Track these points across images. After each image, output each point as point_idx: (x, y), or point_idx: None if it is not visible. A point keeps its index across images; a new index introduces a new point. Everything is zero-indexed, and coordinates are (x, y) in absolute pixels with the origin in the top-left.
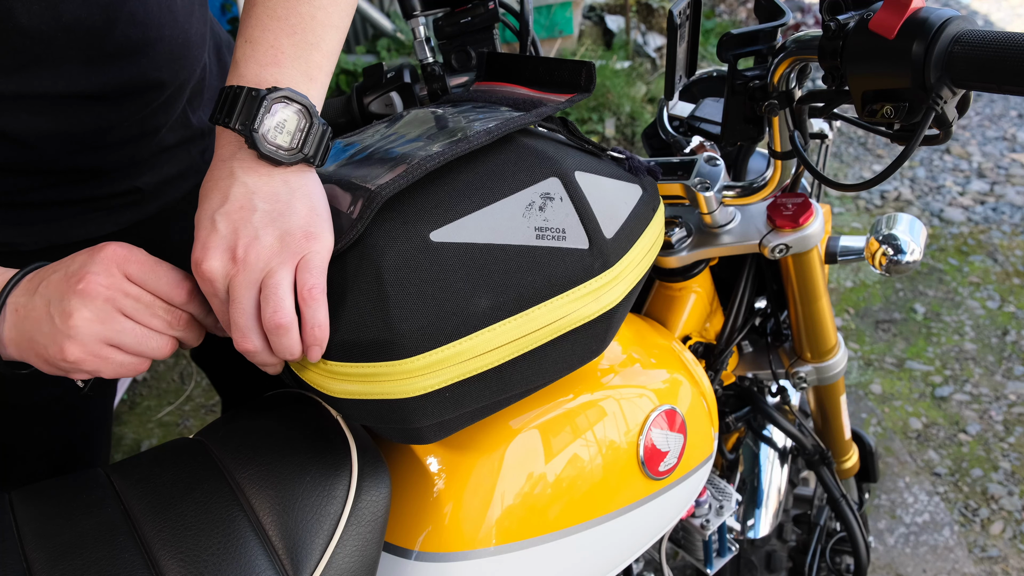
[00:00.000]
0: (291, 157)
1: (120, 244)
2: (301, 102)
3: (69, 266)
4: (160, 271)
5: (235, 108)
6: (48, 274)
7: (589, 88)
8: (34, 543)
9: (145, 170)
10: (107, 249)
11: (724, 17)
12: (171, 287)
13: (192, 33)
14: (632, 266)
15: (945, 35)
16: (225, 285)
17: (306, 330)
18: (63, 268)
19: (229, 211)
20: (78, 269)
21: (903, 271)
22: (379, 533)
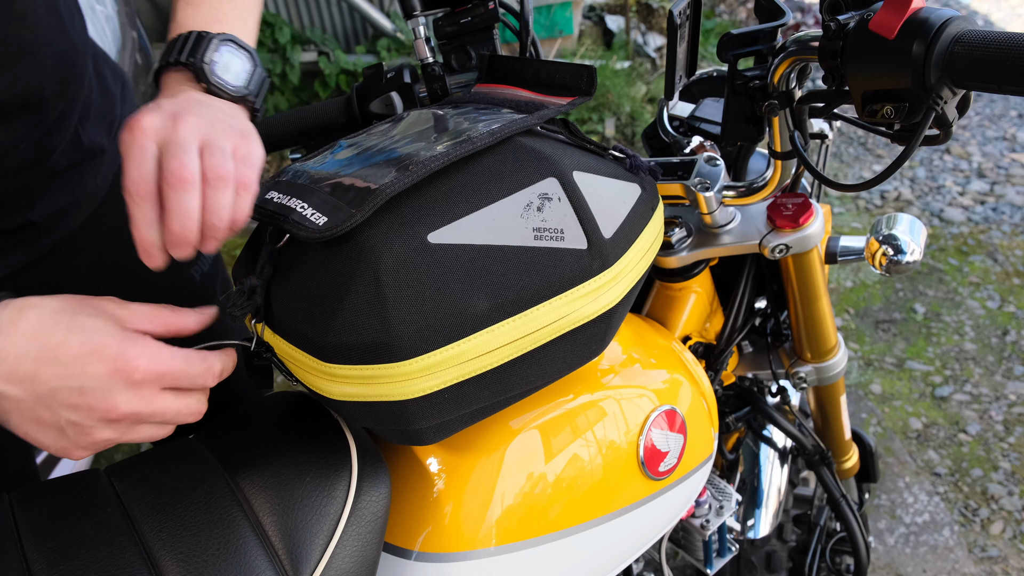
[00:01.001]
0: (236, 91)
1: (147, 348)
2: (246, 48)
3: (80, 379)
4: (190, 362)
5: (184, 47)
6: (40, 373)
7: (590, 91)
8: (34, 544)
9: (38, 199)
10: (138, 365)
11: (724, 17)
12: (205, 376)
13: (77, 40)
14: (631, 266)
15: (945, 35)
16: (156, 141)
17: (217, 211)
18: (69, 378)
19: (176, 101)
20: (103, 394)
21: (903, 271)
22: (379, 533)
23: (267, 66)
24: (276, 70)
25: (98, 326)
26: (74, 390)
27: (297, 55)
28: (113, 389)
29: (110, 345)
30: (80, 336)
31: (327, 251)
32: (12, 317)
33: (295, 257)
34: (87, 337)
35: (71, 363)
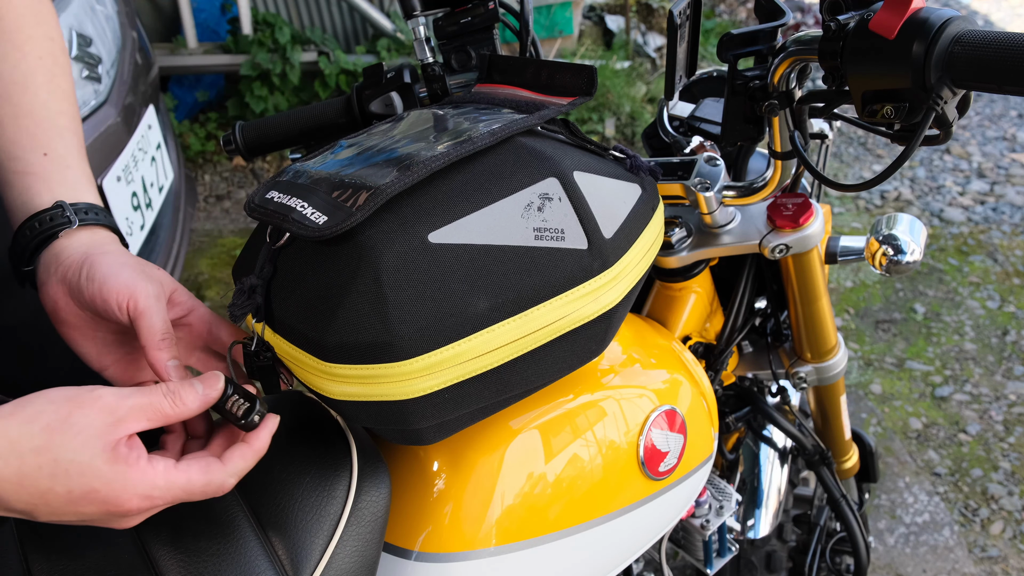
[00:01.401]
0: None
1: (138, 484)
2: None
3: (79, 515)
4: (190, 489)
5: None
6: (37, 511)
7: (590, 92)
8: (33, 544)
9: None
10: (131, 506)
11: (724, 17)
12: (207, 492)
13: None
14: (631, 266)
15: (945, 35)
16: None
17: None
18: (66, 516)
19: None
20: (102, 519)
21: (903, 271)
22: (379, 533)
23: (267, 66)
24: (276, 70)
25: (83, 470)
26: (76, 516)
27: (297, 55)
28: (112, 520)
29: (99, 490)
30: (65, 483)
31: (327, 251)
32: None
33: (295, 257)
34: (72, 483)
35: (63, 506)
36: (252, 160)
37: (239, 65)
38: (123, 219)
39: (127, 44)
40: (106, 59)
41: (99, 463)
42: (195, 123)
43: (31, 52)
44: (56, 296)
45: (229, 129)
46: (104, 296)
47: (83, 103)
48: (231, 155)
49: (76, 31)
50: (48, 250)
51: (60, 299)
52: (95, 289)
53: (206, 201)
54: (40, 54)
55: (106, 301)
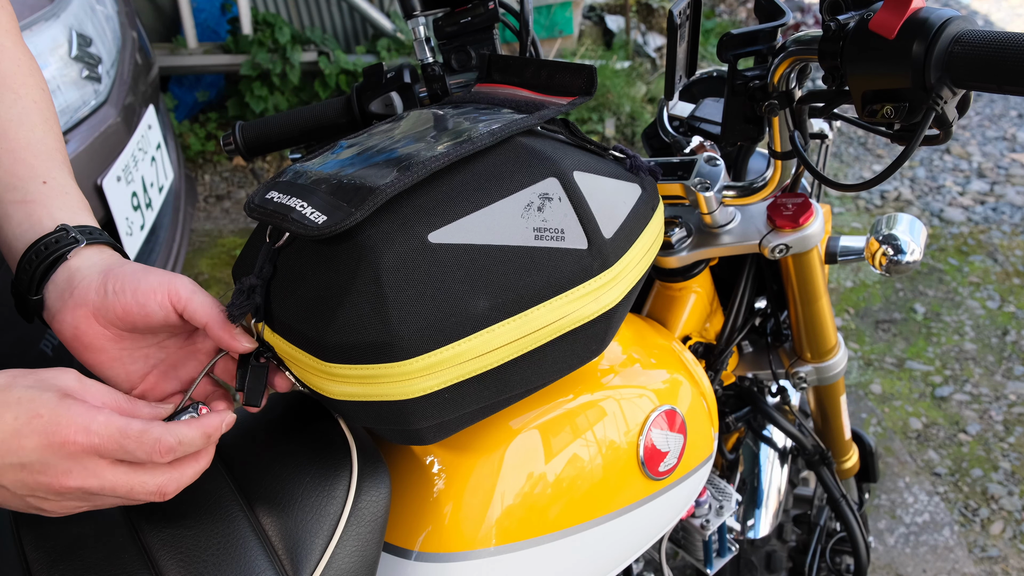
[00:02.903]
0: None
1: (80, 417)
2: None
3: (18, 454)
4: (127, 434)
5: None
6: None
7: (590, 92)
8: (33, 544)
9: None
10: (68, 436)
11: (724, 17)
12: (148, 451)
13: None
14: (631, 266)
15: (945, 35)
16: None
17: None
18: (7, 455)
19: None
20: (42, 467)
21: (903, 271)
22: (379, 533)
23: (267, 66)
24: (276, 70)
25: (33, 396)
26: (15, 466)
27: (297, 55)
28: (50, 462)
29: (42, 415)
30: (15, 410)
31: (328, 251)
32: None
33: (295, 257)
34: (21, 409)
35: (7, 439)
36: (252, 160)
37: (239, 65)
38: (123, 219)
39: (127, 44)
40: (106, 59)
41: (48, 396)
42: (195, 123)
43: (26, 95)
44: (77, 321)
45: (229, 129)
46: (142, 301)
47: (83, 103)
48: (231, 155)
49: (76, 31)
50: (58, 275)
51: (82, 323)
52: (128, 299)
53: (206, 201)
54: (35, 98)
55: (144, 306)
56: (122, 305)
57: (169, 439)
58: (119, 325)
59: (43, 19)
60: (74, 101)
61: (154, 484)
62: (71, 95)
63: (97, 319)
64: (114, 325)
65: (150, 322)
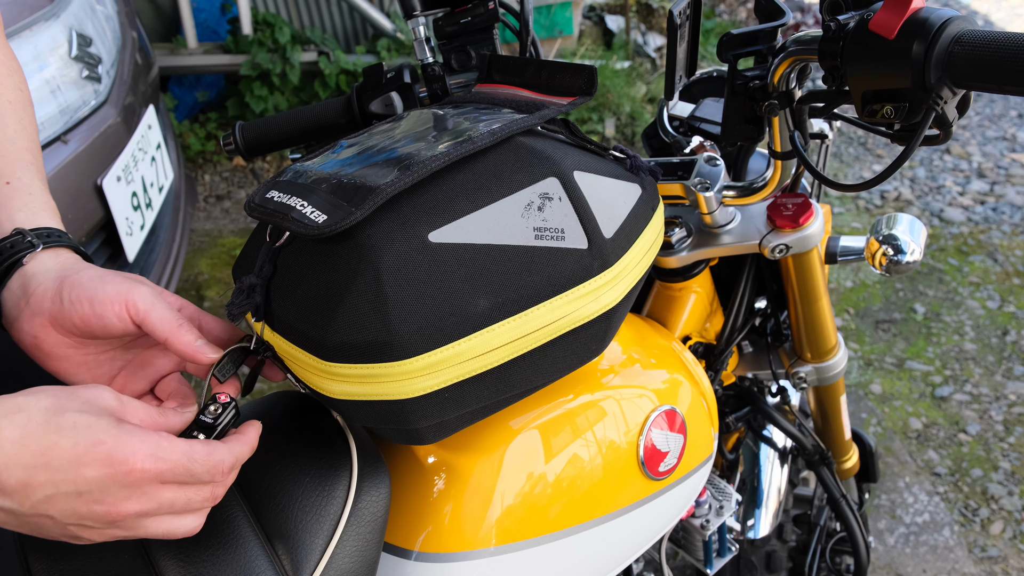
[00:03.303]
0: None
1: (144, 443)
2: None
3: (76, 483)
4: (193, 459)
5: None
6: (32, 481)
7: (590, 92)
8: (33, 544)
9: None
10: (134, 465)
11: (724, 17)
12: (212, 472)
13: None
14: (631, 266)
15: (945, 35)
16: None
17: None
18: (63, 483)
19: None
20: (100, 495)
21: (903, 271)
22: (379, 533)
23: (267, 66)
24: (276, 70)
25: (90, 422)
26: (71, 495)
27: (297, 55)
28: (111, 490)
29: (105, 442)
30: (72, 436)
31: (328, 250)
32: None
33: (295, 256)
34: (79, 436)
35: (65, 467)
36: (252, 160)
37: (239, 65)
38: (123, 219)
39: (127, 44)
40: (106, 59)
41: (105, 423)
42: (195, 123)
43: (1, 96)
44: (35, 330)
45: (229, 129)
46: (99, 312)
47: (83, 103)
48: (231, 155)
49: (76, 31)
50: (13, 281)
51: (40, 331)
52: (85, 310)
53: (206, 201)
54: (10, 99)
55: (102, 316)
56: (79, 315)
57: (231, 459)
58: (78, 333)
59: (43, 19)
60: (74, 101)
61: (209, 494)
62: (71, 95)
63: (55, 327)
64: (73, 334)
65: (108, 332)
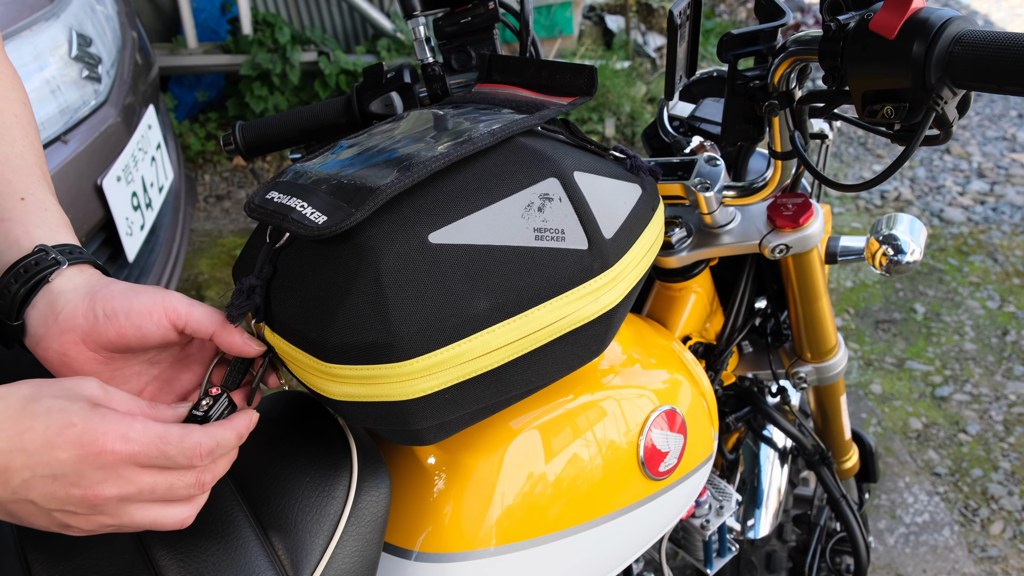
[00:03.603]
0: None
1: (117, 425)
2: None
3: (51, 465)
4: (167, 440)
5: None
6: (10, 464)
7: (591, 92)
8: (33, 544)
9: None
10: (104, 445)
11: (724, 17)
12: (189, 455)
13: None
14: (632, 266)
15: (945, 35)
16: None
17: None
18: (39, 466)
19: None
20: (76, 479)
21: (903, 271)
22: (379, 533)
23: (267, 66)
24: (276, 70)
25: (64, 407)
26: (47, 478)
27: (297, 55)
28: (84, 471)
29: (76, 424)
30: (45, 419)
31: (328, 251)
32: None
33: (295, 257)
34: (52, 419)
35: (39, 450)
36: (252, 160)
37: (239, 65)
38: (123, 219)
39: (127, 44)
40: (106, 59)
41: (79, 406)
42: (195, 123)
43: (7, 110)
44: (64, 348)
45: (229, 129)
46: (137, 323)
47: (83, 103)
48: (231, 155)
49: (76, 31)
50: (39, 299)
51: (70, 349)
52: (122, 322)
53: (206, 201)
54: (16, 112)
55: (139, 327)
56: (115, 329)
57: (208, 442)
58: (111, 348)
59: (43, 19)
60: (74, 101)
61: (192, 479)
62: (71, 95)
63: (87, 344)
64: (105, 349)
65: (146, 343)
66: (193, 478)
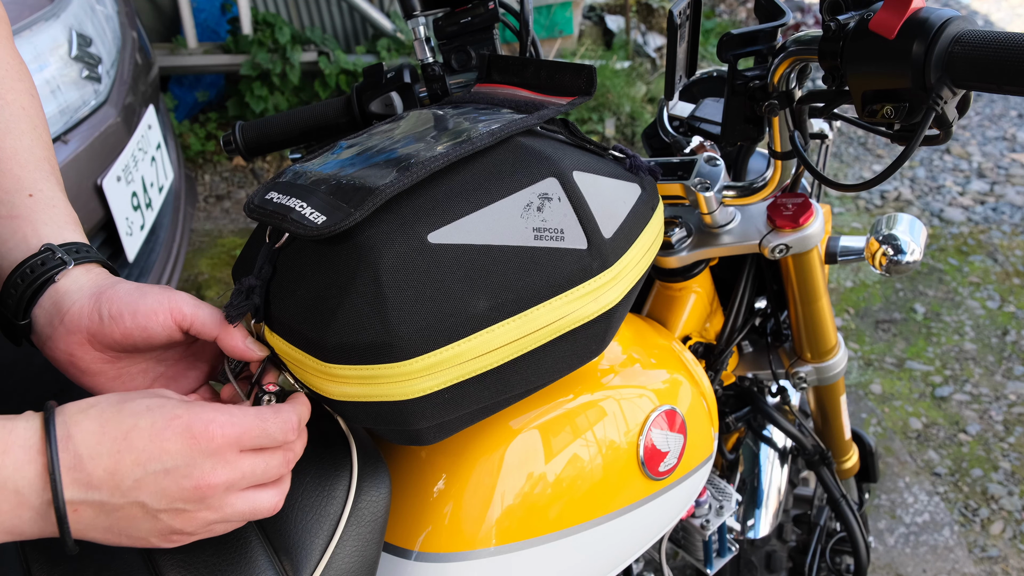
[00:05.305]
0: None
1: (217, 412)
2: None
3: (161, 459)
4: (264, 418)
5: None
6: (119, 466)
7: (590, 92)
8: (33, 543)
9: None
10: (213, 432)
11: (724, 17)
12: (284, 430)
13: None
14: (631, 266)
15: (945, 35)
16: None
17: None
18: (149, 461)
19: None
20: (187, 470)
21: (903, 271)
22: (379, 533)
23: (267, 66)
24: (276, 70)
25: (161, 403)
26: (159, 473)
27: (297, 55)
28: (195, 460)
29: (180, 416)
30: (148, 416)
31: (327, 251)
32: (74, 419)
33: (295, 257)
34: (155, 415)
35: (148, 446)
36: (252, 160)
37: (239, 65)
38: (123, 219)
39: (127, 44)
40: (106, 59)
41: (175, 401)
42: (195, 123)
43: (14, 102)
44: (71, 348)
45: (229, 129)
46: (143, 324)
47: (83, 103)
48: (231, 155)
49: (76, 31)
50: (45, 299)
51: (76, 349)
52: (128, 323)
53: (206, 201)
54: (23, 104)
55: (145, 328)
56: (121, 330)
57: (295, 417)
58: (117, 348)
59: (43, 19)
60: (74, 101)
61: (283, 458)
62: (71, 95)
63: (92, 344)
64: (111, 348)
65: (152, 343)
66: (282, 457)
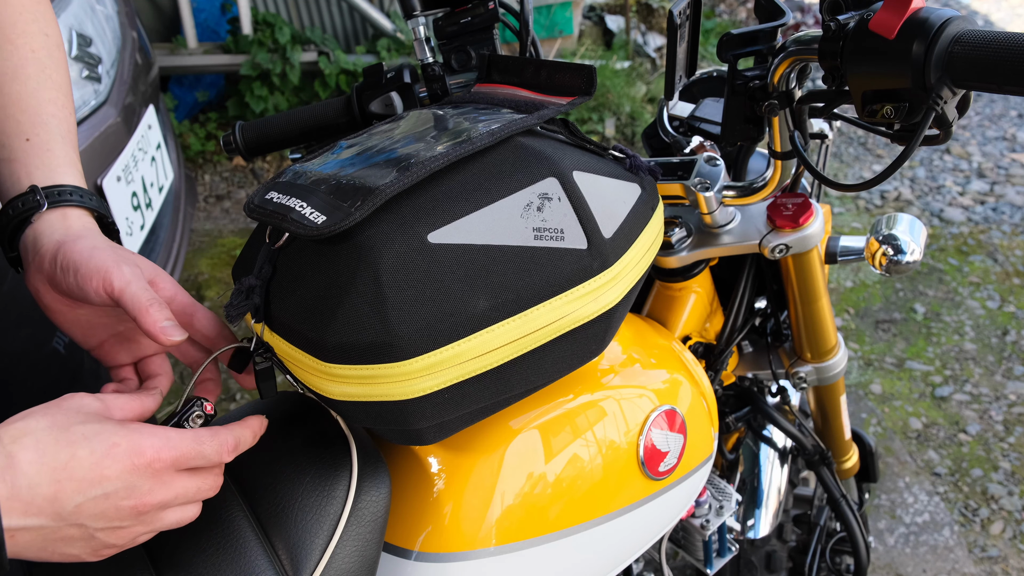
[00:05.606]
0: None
1: (155, 437)
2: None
3: (101, 485)
4: (201, 441)
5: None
6: (60, 493)
7: (590, 92)
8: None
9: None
10: (151, 457)
11: (724, 17)
12: (220, 452)
13: None
14: (631, 266)
15: (945, 35)
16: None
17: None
18: (90, 488)
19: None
20: (127, 492)
21: (903, 271)
22: (379, 533)
23: (267, 66)
24: (276, 70)
25: (97, 430)
26: (99, 498)
27: (297, 55)
28: (134, 483)
29: (119, 443)
30: (87, 446)
31: (327, 251)
32: (9, 451)
33: (295, 257)
34: (94, 444)
35: (88, 473)
36: (252, 160)
37: (239, 65)
38: (123, 219)
39: (127, 44)
40: (106, 59)
41: (110, 426)
42: (195, 123)
43: (23, 45)
44: (37, 285)
45: (229, 129)
46: (80, 284)
47: (83, 103)
48: (231, 155)
49: (76, 31)
50: (24, 237)
51: (40, 287)
52: (71, 280)
53: (206, 201)
54: (33, 47)
55: (83, 289)
56: (66, 285)
57: (232, 439)
58: (71, 298)
59: None
60: (74, 101)
61: (212, 480)
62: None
63: (53, 288)
64: (67, 296)
65: (91, 304)
66: (214, 479)
